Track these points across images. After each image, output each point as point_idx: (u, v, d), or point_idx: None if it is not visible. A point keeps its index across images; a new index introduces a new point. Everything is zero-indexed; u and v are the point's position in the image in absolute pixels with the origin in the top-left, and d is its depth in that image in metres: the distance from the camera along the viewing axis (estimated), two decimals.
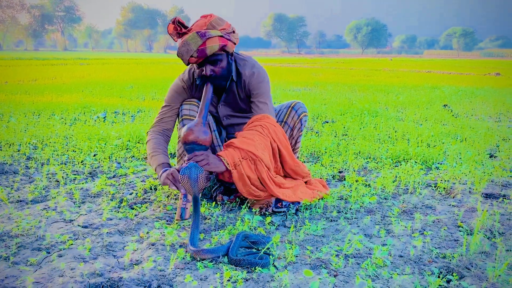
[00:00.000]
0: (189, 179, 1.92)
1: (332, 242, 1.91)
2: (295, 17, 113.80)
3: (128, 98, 7.02)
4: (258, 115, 2.33)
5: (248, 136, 2.20)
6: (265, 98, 2.41)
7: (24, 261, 1.65)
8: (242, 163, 2.12)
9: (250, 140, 2.17)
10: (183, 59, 2.24)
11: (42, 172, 2.84)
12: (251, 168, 2.14)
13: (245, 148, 2.13)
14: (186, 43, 2.19)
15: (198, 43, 2.17)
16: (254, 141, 2.17)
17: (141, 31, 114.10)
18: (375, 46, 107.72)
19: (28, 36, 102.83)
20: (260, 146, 2.18)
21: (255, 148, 2.14)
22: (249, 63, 2.45)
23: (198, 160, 2.06)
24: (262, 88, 2.41)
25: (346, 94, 8.13)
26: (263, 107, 2.39)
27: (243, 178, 2.13)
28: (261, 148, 2.18)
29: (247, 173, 2.13)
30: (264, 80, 2.44)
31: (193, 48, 2.18)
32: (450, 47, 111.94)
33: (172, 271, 1.61)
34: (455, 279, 1.58)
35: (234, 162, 2.12)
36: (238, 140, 2.18)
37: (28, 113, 5.13)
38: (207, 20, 2.23)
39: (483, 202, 2.49)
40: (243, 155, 2.13)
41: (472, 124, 5.07)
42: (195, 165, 1.96)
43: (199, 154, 2.09)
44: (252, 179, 2.15)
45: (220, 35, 2.20)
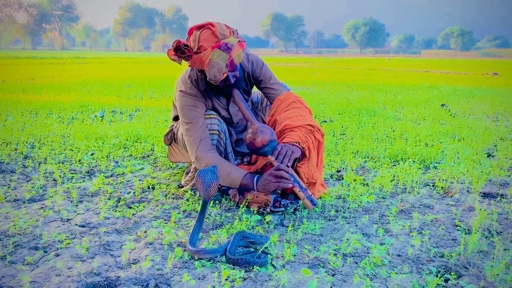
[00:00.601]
0: (202, 183, 1.92)
1: (330, 241, 1.91)
2: (293, 17, 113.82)
3: (126, 97, 7.00)
4: (282, 95, 2.40)
5: (296, 113, 2.29)
6: (275, 79, 2.47)
7: (21, 260, 1.65)
8: (308, 138, 2.21)
9: (300, 116, 2.28)
10: (217, 79, 2.10)
11: (40, 171, 2.83)
12: (312, 141, 2.24)
13: (302, 124, 2.23)
14: (214, 63, 2.06)
15: (225, 58, 2.06)
16: (304, 115, 2.29)
17: (139, 30, 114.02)
18: (373, 45, 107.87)
19: (26, 35, 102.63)
20: (309, 116, 2.31)
21: (309, 120, 2.27)
22: (245, 56, 2.43)
23: (285, 153, 2.09)
24: (266, 72, 2.46)
25: (344, 94, 8.13)
26: (278, 87, 2.45)
27: (311, 156, 2.23)
28: (310, 118, 2.31)
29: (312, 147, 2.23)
30: (264, 64, 2.48)
31: (223, 65, 2.07)
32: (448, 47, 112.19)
33: (169, 270, 1.60)
34: (453, 278, 1.58)
35: (302, 140, 2.20)
36: (291, 121, 2.26)
37: (25, 112, 5.12)
38: (213, 31, 2.08)
39: (481, 201, 2.49)
40: (303, 132, 2.21)
41: (470, 123, 5.08)
42: (212, 171, 1.96)
43: (280, 149, 2.10)
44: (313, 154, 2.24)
45: (237, 41, 2.12)
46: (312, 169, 2.24)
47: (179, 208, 2.28)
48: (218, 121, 2.35)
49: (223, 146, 2.40)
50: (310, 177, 2.23)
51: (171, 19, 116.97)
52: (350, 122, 4.90)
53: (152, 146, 3.62)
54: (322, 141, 2.29)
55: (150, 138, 3.82)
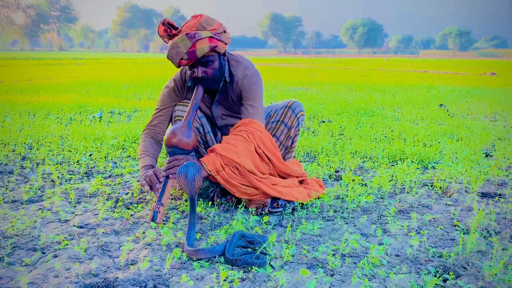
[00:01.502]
0: (185, 178, 1.91)
1: (328, 241, 1.91)
2: (292, 17, 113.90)
3: (124, 98, 7.00)
4: (245, 120, 2.28)
5: (232, 142, 2.16)
6: (256, 101, 2.35)
7: (19, 261, 1.64)
8: (224, 169, 2.10)
9: (233, 147, 2.12)
10: (174, 61, 2.17)
11: (38, 172, 2.83)
12: (235, 173, 2.12)
13: (227, 155, 2.09)
14: (176, 45, 2.13)
15: (187, 45, 2.10)
16: (237, 148, 2.12)
17: (137, 31, 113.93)
18: (371, 46, 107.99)
19: (24, 36, 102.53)
20: (243, 153, 2.13)
21: (237, 155, 2.10)
22: (242, 65, 2.39)
23: (178, 164, 2.05)
24: (253, 91, 2.35)
25: (343, 94, 8.13)
26: (252, 111, 2.33)
27: (229, 181, 2.11)
28: (244, 155, 2.13)
29: (231, 177, 2.11)
30: (257, 83, 2.38)
31: (183, 51, 2.11)
32: (446, 47, 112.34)
33: (168, 271, 1.60)
34: (452, 278, 1.59)
35: (216, 169, 2.08)
36: (220, 146, 2.14)
37: (23, 113, 5.11)
38: (197, 21, 2.17)
39: (479, 201, 2.50)
40: (225, 162, 2.09)
41: (468, 123, 5.09)
42: (193, 165, 1.94)
43: (180, 158, 2.08)
44: (239, 181, 2.13)
45: (210, 36, 2.13)
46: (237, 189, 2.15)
47: (177, 209, 2.28)
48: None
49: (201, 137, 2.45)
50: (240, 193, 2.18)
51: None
52: (348, 122, 4.90)
53: None
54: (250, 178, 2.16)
55: None
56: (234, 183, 2.12)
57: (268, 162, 2.27)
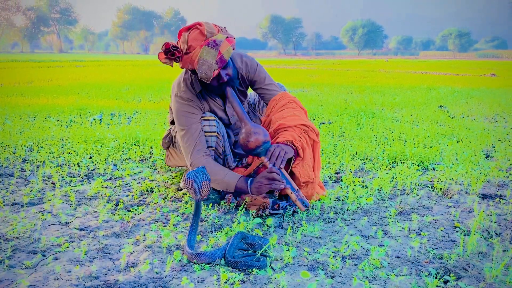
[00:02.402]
0: (193, 184, 1.91)
1: (329, 243, 1.91)
2: (292, 19, 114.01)
3: (124, 100, 7.00)
4: (277, 95, 2.40)
5: (290, 113, 2.29)
6: (269, 80, 2.47)
7: (20, 264, 1.64)
8: (301, 138, 2.21)
9: (295, 116, 2.27)
10: (208, 77, 2.10)
11: (38, 174, 2.83)
12: (307, 140, 2.24)
13: (296, 123, 2.23)
14: (203, 60, 2.07)
15: (214, 55, 2.07)
16: (298, 115, 2.28)
17: (137, 33, 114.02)
18: (371, 47, 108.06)
19: (24, 38, 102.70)
20: (303, 116, 2.32)
21: (303, 119, 2.27)
22: (236, 56, 2.43)
23: (278, 154, 2.10)
24: (261, 73, 2.45)
25: (343, 95, 8.14)
26: (273, 88, 2.46)
27: (306, 155, 2.22)
28: (305, 117, 2.31)
29: (307, 147, 2.23)
30: (258, 65, 2.48)
31: (213, 61, 2.07)
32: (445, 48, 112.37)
33: (168, 273, 1.60)
34: (453, 280, 1.58)
35: (295, 140, 2.20)
36: (285, 120, 2.26)
37: (23, 115, 5.11)
38: (201, 30, 2.11)
39: (480, 202, 2.50)
40: (297, 132, 2.21)
41: (468, 124, 5.09)
42: (202, 171, 1.94)
43: (273, 150, 2.12)
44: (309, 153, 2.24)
45: (225, 37, 2.13)
46: (308, 168, 2.23)
47: (178, 211, 2.28)
48: (216, 122, 2.35)
49: (222, 148, 2.40)
50: (306, 176, 2.22)
51: (170, 21, 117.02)
52: (348, 123, 4.90)
53: (150, 149, 3.62)
54: (318, 141, 2.29)
55: (148, 141, 3.82)
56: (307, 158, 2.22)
57: None
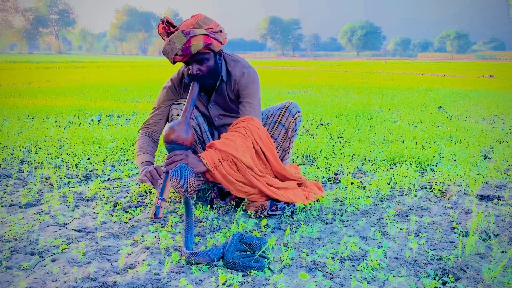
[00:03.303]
0: (178, 181, 1.90)
1: (327, 244, 1.90)
2: (290, 20, 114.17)
3: (122, 101, 6.99)
4: (243, 117, 2.33)
5: (230, 138, 2.20)
6: (253, 99, 2.40)
7: (17, 265, 1.63)
8: (222, 164, 2.14)
9: (231, 142, 2.17)
10: (168, 57, 2.23)
11: (36, 175, 2.82)
12: (233, 169, 2.16)
13: (225, 150, 2.13)
14: (171, 41, 2.18)
15: (182, 41, 2.16)
16: (235, 143, 2.17)
17: (136, 34, 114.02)
18: (369, 48, 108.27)
19: (22, 39, 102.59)
20: (241, 148, 2.17)
21: (236, 150, 2.14)
22: (240, 64, 2.44)
23: (177, 159, 2.09)
24: (251, 89, 2.41)
25: (341, 97, 8.14)
26: (249, 108, 2.38)
27: (226, 178, 2.15)
28: (242, 150, 2.17)
29: (229, 173, 2.14)
30: (254, 81, 2.43)
31: (178, 46, 2.17)
32: (444, 50, 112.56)
33: (166, 275, 1.60)
34: (451, 281, 1.58)
35: (214, 163, 2.12)
36: (219, 142, 2.18)
37: (21, 116, 5.10)
38: (194, 19, 2.24)
39: (478, 203, 2.50)
40: (223, 157, 2.14)
41: (467, 126, 5.10)
42: (185, 167, 1.94)
43: (179, 154, 2.10)
44: (236, 178, 2.17)
45: (205, 33, 2.19)
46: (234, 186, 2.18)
47: (176, 212, 2.27)
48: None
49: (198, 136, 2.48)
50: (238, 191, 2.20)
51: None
52: (347, 125, 4.91)
53: None
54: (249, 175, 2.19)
55: None
56: (231, 180, 2.15)
57: (264, 160, 2.31)
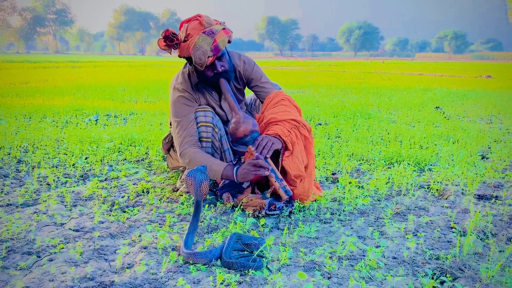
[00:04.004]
0: (194, 182, 1.92)
1: (325, 244, 1.90)
2: (288, 20, 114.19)
3: (120, 100, 6.98)
4: (272, 94, 2.44)
5: (282, 109, 2.33)
6: (265, 78, 2.53)
7: (14, 265, 1.63)
8: (291, 132, 2.25)
9: (286, 112, 2.31)
10: (201, 62, 2.19)
11: (33, 175, 2.81)
12: (297, 135, 2.27)
13: (287, 118, 2.27)
14: (199, 46, 2.16)
15: (209, 42, 2.17)
16: (289, 111, 2.31)
17: (133, 33, 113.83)
18: (367, 49, 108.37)
19: (20, 39, 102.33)
20: (295, 113, 2.34)
21: (294, 115, 2.29)
22: (234, 54, 2.53)
23: (265, 144, 2.14)
24: (258, 71, 2.52)
25: (339, 97, 8.15)
26: (269, 86, 2.51)
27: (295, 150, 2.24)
28: (296, 114, 2.34)
29: (297, 141, 2.25)
30: (255, 64, 2.56)
31: (207, 48, 2.17)
32: (441, 50, 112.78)
33: (164, 274, 1.59)
34: (449, 280, 1.58)
35: (284, 134, 2.23)
36: (277, 115, 2.29)
37: (19, 116, 5.09)
38: (200, 21, 2.23)
39: (476, 203, 2.50)
40: (287, 126, 2.25)
41: (464, 126, 5.10)
42: (202, 170, 1.96)
43: (260, 140, 2.16)
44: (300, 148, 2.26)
45: (222, 28, 2.23)
46: (298, 162, 2.25)
47: (173, 212, 2.27)
48: (212, 114, 2.40)
49: (219, 142, 2.44)
50: (296, 169, 2.24)
51: (166, 22, 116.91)
52: (345, 125, 4.91)
53: (146, 149, 3.61)
54: (309, 137, 2.32)
55: (144, 141, 3.81)
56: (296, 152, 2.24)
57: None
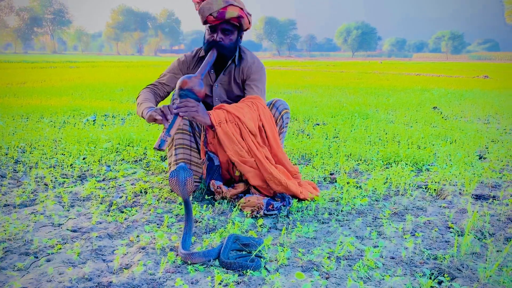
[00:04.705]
0: (177, 182, 1.90)
1: (323, 244, 1.90)
2: (286, 20, 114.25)
3: (118, 101, 6.97)
4: (251, 95, 2.48)
5: (238, 105, 2.34)
6: (261, 84, 2.59)
7: (12, 266, 1.62)
8: (227, 123, 2.25)
9: (239, 108, 2.31)
10: (203, 14, 2.35)
11: (30, 175, 2.81)
12: (236, 131, 2.26)
13: (233, 112, 2.27)
14: (210, 1, 2.33)
15: (220, 5, 2.33)
16: (243, 110, 2.31)
17: (131, 34, 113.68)
18: (365, 49, 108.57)
19: (17, 39, 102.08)
20: (247, 115, 2.30)
21: (242, 115, 2.27)
22: (250, 53, 2.66)
23: (190, 105, 2.16)
24: (260, 75, 2.60)
25: (337, 97, 8.15)
26: (257, 90, 2.55)
27: (228, 135, 2.24)
28: (248, 117, 2.30)
29: (232, 133, 2.24)
30: (262, 70, 2.63)
31: (215, 8, 2.32)
32: (439, 50, 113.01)
33: (162, 275, 1.59)
34: (447, 280, 1.59)
35: (219, 120, 2.24)
36: (227, 105, 2.33)
37: (16, 116, 5.07)
38: None
39: (473, 203, 2.51)
40: (229, 118, 2.26)
41: (462, 126, 5.12)
42: (184, 168, 1.94)
43: (192, 101, 2.18)
44: (237, 139, 2.25)
45: (241, 7, 2.39)
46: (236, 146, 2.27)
47: (171, 212, 2.26)
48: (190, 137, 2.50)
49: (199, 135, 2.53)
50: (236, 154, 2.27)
51: (164, 22, 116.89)
52: (343, 125, 4.91)
53: (144, 150, 3.60)
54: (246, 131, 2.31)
55: (142, 142, 3.80)
56: (232, 138, 2.24)
57: (265, 138, 2.38)
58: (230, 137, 2.23)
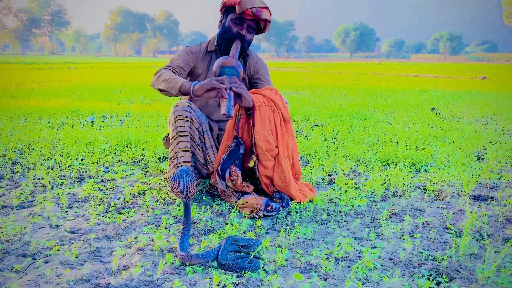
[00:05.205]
0: (179, 185, 1.90)
1: (322, 245, 1.90)
2: (284, 22, 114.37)
3: (116, 102, 6.97)
4: (269, 86, 2.54)
5: (271, 89, 2.43)
6: (268, 78, 2.72)
7: (9, 268, 1.62)
8: (265, 107, 2.31)
9: (273, 94, 2.39)
10: (243, 6, 2.40)
11: (28, 177, 2.80)
12: (271, 116, 2.32)
13: (269, 96, 2.34)
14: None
15: (260, 4, 2.44)
16: (277, 95, 2.40)
17: (129, 35, 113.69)
18: (363, 50, 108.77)
19: (15, 40, 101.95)
20: (279, 101, 2.39)
21: (277, 100, 2.37)
22: (254, 53, 2.77)
23: (239, 82, 2.21)
24: (266, 71, 2.74)
25: (335, 98, 8.16)
26: (268, 83, 2.68)
27: (264, 119, 2.28)
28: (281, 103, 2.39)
29: (268, 116, 2.30)
30: (266, 66, 2.78)
31: (256, 5, 2.42)
32: (437, 51, 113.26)
33: (160, 276, 1.59)
34: (445, 281, 1.59)
35: (259, 103, 2.30)
36: (261, 90, 2.41)
37: (14, 118, 5.06)
38: None
39: (472, 204, 2.51)
40: (266, 102, 2.32)
41: (460, 127, 5.12)
42: (186, 172, 1.94)
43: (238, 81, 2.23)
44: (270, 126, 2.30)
45: (271, 14, 2.55)
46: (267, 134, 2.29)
47: (170, 214, 2.26)
48: (190, 108, 2.43)
49: (199, 138, 2.48)
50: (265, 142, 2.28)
51: (162, 24, 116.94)
52: (341, 126, 4.91)
53: (142, 151, 3.60)
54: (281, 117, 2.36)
55: (140, 143, 3.80)
56: (265, 123, 2.28)
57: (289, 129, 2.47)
58: (265, 122, 2.28)
